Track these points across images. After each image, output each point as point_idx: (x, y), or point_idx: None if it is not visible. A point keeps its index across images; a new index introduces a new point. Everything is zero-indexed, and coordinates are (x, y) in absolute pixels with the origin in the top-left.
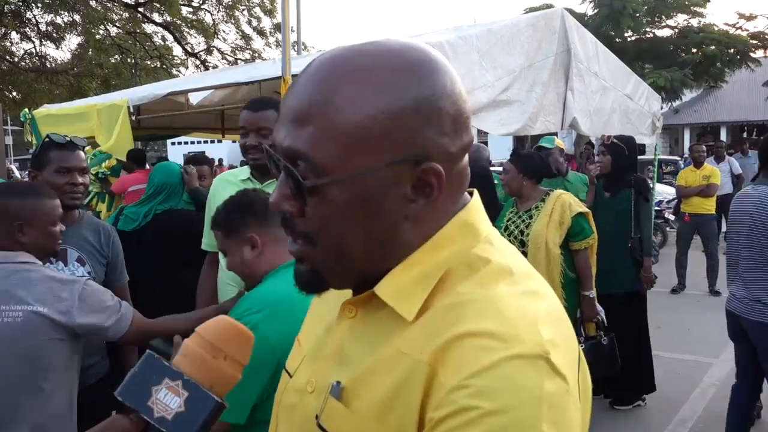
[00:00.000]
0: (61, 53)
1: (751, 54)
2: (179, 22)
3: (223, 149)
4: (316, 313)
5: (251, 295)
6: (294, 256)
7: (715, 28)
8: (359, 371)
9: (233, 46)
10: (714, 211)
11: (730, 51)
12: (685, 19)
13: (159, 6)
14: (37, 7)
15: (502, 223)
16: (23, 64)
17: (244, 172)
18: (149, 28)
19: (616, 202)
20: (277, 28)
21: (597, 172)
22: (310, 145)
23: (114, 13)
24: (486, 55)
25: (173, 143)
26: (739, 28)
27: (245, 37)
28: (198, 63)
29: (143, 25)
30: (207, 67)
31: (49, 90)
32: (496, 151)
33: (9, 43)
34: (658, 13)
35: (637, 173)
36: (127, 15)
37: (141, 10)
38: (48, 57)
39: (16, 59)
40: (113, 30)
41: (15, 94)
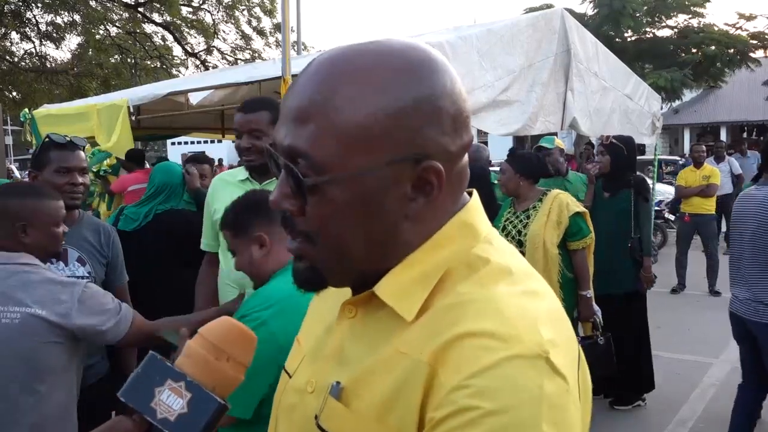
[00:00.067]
0: (61, 53)
1: (751, 54)
2: (179, 22)
3: (223, 149)
4: (316, 313)
5: (260, 293)
6: (293, 254)
7: (715, 28)
8: (359, 371)
9: (233, 46)
10: (714, 212)
11: (730, 51)
12: (685, 19)
13: (159, 6)
14: (37, 7)
15: (499, 223)
16: (23, 64)
17: (242, 172)
18: (149, 28)
19: (615, 202)
20: (277, 28)
21: (596, 171)
22: (310, 144)
23: (114, 13)
24: (486, 55)
25: (173, 143)
26: (739, 28)
27: (245, 37)
28: (198, 63)
29: (143, 25)
30: (207, 67)
31: (49, 90)
32: (496, 152)
33: (9, 43)
34: (658, 13)
35: (636, 173)
36: (127, 15)
37: (141, 10)
38: (48, 57)
39: (16, 59)
40: (113, 30)
41: (15, 94)
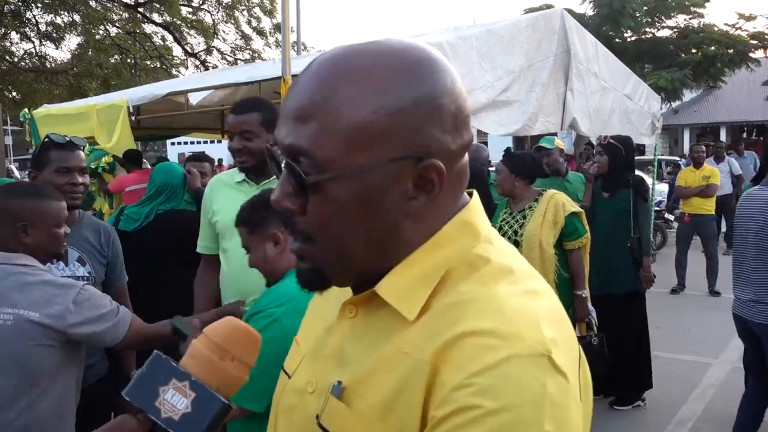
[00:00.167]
0: (60, 53)
1: (750, 54)
2: (179, 22)
3: (222, 149)
4: (315, 314)
5: (274, 290)
6: (295, 254)
7: (714, 28)
8: (360, 371)
9: (233, 46)
10: (714, 212)
11: (730, 51)
12: (684, 19)
13: (159, 6)
14: (37, 7)
15: (495, 223)
16: (23, 64)
17: (239, 173)
18: (149, 28)
19: (614, 203)
20: (277, 28)
21: (595, 170)
22: (311, 142)
23: (114, 14)
24: (486, 55)
25: (173, 143)
26: (739, 28)
27: (245, 37)
28: (198, 63)
29: (143, 25)
30: (207, 67)
31: (48, 90)
32: (496, 152)
33: (9, 43)
34: (658, 14)
35: (635, 173)
36: (127, 15)
37: (141, 10)
38: (48, 57)
39: (16, 59)
40: (113, 30)
41: (15, 94)
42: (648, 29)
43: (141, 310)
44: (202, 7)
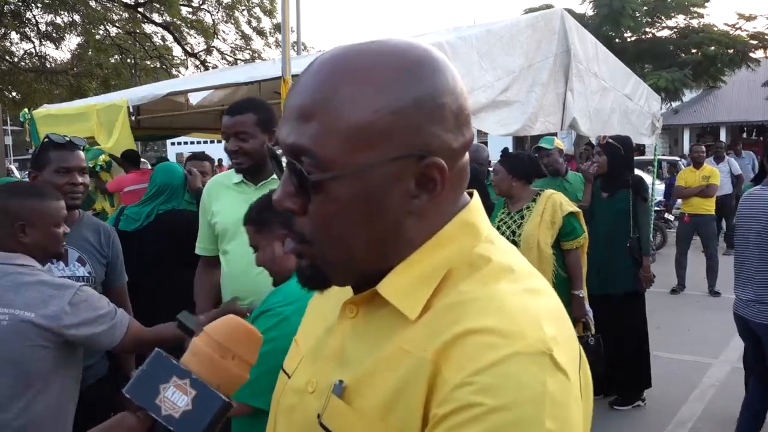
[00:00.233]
0: (60, 53)
1: (750, 54)
2: (179, 22)
3: (222, 149)
4: (315, 314)
5: (282, 289)
6: (294, 253)
7: (714, 28)
8: (361, 371)
9: (233, 46)
10: (714, 212)
11: (730, 51)
12: (684, 19)
13: (159, 6)
14: (37, 7)
15: (493, 223)
16: (23, 64)
17: (237, 175)
18: (149, 28)
19: (613, 203)
20: (277, 28)
21: (595, 170)
22: (313, 141)
23: (114, 14)
24: (486, 55)
25: (173, 143)
26: (739, 28)
27: (245, 37)
28: (198, 63)
29: (143, 25)
30: (207, 68)
31: (48, 90)
32: (496, 152)
33: (9, 43)
34: (658, 14)
35: (634, 173)
36: (127, 15)
37: (141, 10)
38: (48, 57)
39: (16, 59)
40: (113, 30)
41: (15, 94)
42: (648, 29)
43: (141, 311)
44: (202, 7)
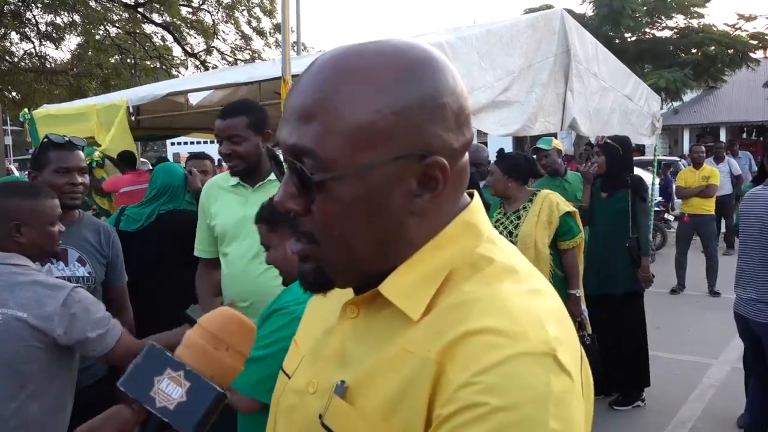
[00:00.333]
0: (60, 53)
1: (750, 54)
2: (179, 22)
3: None
4: (314, 314)
5: (294, 289)
6: (298, 255)
7: (714, 28)
8: (363, 371)
9: (233, 46)
10: (713, 212)
11: (730, 51)
12: (684, 19)
13: (159, 6)
14: (36, 7)
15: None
16: (23, 64)
17: (234, 177)
18: (149, 28)
19: (612, 203)
20: (277, 28)
21: (594, 170)
22: (315, 141)
23: (114, 14)
24: (485, 55)
25: (173, 143)
26: (739, 28)
27: (245, 37)
28: (198, 63)
29: (143, 25)
30: (207, 68)
31: (48, 90)
32: (495, 152)
33: (9, 44)
34: (658, 14)
35: (633, 173)
36: (127, 15)
37: (141, 10)
38: (48, 57)
39: (16, 59)
40: (113, 30)
41: (15, 94)
42: (648, 29)
43: (142, 311)
44: (202, 7)
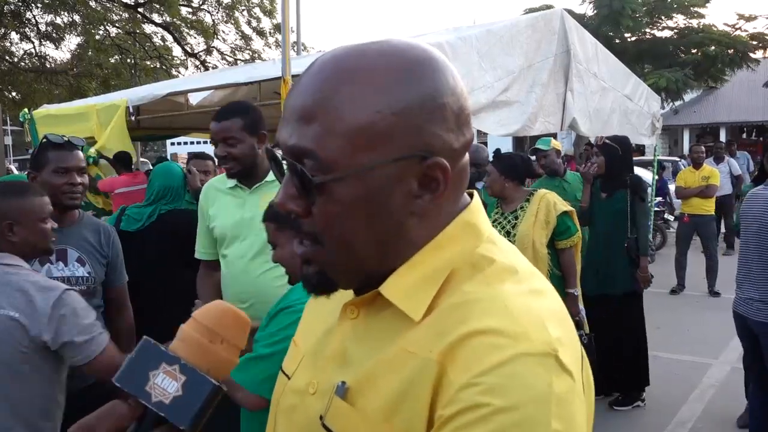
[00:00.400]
0: (60, 53)
1: (750, 54)
2: (179, 22)
3: None
4: (313, 315)
5: (301, 286)
6: (301, 258)
7: (714, 28)
8: (363, 372)
9: (233, 46)
10: (713, 212)
11: (730, 51)
12: (684, 19)
13: (158, 6)
14: (36, 7)
15: None
16: (23, 64)
17: (231, 179)
18: (149, 28)
19: (612, 203)
20: (277, 28)
21: (594, 171)
22: (316, 142)
23: (114, 14)
24: (485, 55)
25: (173, 143)
26: (739, 29)
27: (245, 37)
28: (197, 63)
29: (143, 25)
30: (207, 68)
31: (48, 90)
32: None
33: (9, 44)
34: (658, 14)
35: (633, 173)
36: (127, 15)
37: (140, 10)
38: (48, 57)
39: (16, 59)
40: (113, 30)
41: (15, 94)
42: (648, 29)
43: (142, 311)
44: (202, 7)
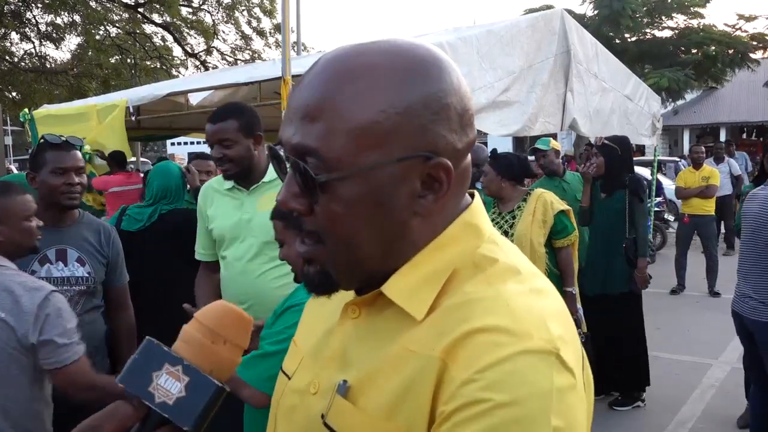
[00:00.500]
0: (60, 53)
1: (750, 55)
2: (179, 22)
3: None
4: (313, 315)
5: None
6: (302, 257)
7: (714, 28)
8: (365, 371)
9: (233, 46)
10: (713, 212)
11: (730, 52)
12: (684, 19)
13: (159, 6)
14: (37, 7)
15: None
16: (23, 64)
17: (229, 180)
18: (149, 28)
19: (611, 203)
20: (277, 28)
21: (594, 171)
22: (319, 141)
23: (114, 14)
24: (486, 56)
25: (173, 143)
26: (739, 29)
27: (245, 37)
28: (198, 63)
29: (143, 25)
30: (207, 68)
31: (48, 90)
32: None
33: (9, 44)
34: (658, 14)
35: (633, 173)
36: (127, 15)
37: (141, 10)
38: (48, 57)
39: (16, 59)
40: (113, 30)
41: (15, 94)
42: (648, 30)
43: (143, 311)
44: (202, 7)
